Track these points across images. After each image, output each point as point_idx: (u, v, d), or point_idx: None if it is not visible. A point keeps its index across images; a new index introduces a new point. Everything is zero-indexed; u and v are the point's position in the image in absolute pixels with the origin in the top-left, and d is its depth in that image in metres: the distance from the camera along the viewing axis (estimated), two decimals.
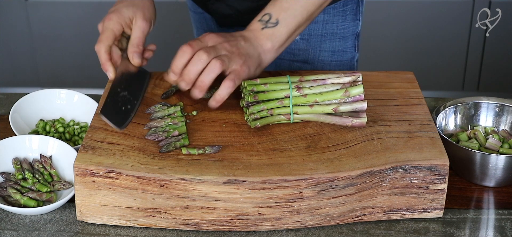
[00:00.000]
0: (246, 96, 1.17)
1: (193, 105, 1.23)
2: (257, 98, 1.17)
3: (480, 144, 1.24)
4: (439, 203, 1.12)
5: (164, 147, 1.11)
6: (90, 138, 1.14)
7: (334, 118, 1.17)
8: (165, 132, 1.14)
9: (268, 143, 1.14)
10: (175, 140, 1.13)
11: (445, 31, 2.89)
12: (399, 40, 2.92)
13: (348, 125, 1.16)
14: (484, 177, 1.20)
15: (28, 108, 1.34)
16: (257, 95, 1.17)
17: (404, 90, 1.27)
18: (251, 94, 1.17)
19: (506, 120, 1.29)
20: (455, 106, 1.30)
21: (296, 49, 1.49)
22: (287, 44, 1.26)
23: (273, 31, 1.23)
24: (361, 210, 1.11)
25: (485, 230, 1.13)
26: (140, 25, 1.27)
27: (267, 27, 1.23)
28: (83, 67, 3.01)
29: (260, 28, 1.24)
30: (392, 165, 1.09)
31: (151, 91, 1.28)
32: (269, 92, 1.17)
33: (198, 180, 1.06)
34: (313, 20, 1.31)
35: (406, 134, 1.15)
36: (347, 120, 1.16)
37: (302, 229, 1.11)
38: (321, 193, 1.08)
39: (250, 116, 1.16)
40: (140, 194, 1.08)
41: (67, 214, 1.15)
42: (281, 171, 1.07)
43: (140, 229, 1.12)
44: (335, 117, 1.17)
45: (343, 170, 1.08)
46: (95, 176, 1.08)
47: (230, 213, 1.08)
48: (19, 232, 1.11)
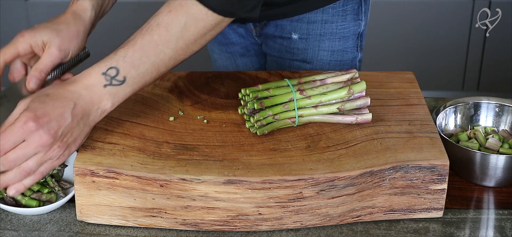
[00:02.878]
0: (250, 104, 1.16)
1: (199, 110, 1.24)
2: (262, 105, 1.16)
3: (480, 144, 1.24)
4: (439, 203, 1.12)
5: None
6: (90, 138, 1.14)
7: (338, 117, 1.17)
8: None
9: (268, 143, 1.14)
10: None
11: (445, 31, 2.89)
12: (399, 40, 2.92)
13: (353, 123, 1.16)
14: (484, 177, 1.20)
15: None
16: (263, 102, 1.16)
17: (404, 90, 1.27)
18: (255, 101, 1.16)
19: (506, 120, 1.29)
20: (455, 106, 1.30)
21: (295, 48, 1.49)
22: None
23: (117, 89, 1.07)
24: (361, 210, 1.11)
25: (485, 230, 1.13)
26: (52, 53, 1.15)
27: (111, 84, 1.06)
28: (83, 67, 3.00)
29: (102, 85, 1.06)
30: (392, 165, 1.09)
31: (151, 91, 1.28)
32: (273, 98, 1.17)
33: (198, 180, 1.06)
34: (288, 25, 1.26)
35: (406, 134, 1.15)
36: (351, 118, 1.16)
37: (302, 229, 1.11)
38: (321, 193, 1.08)
39: (256, 123, 1.15)
40: (140, 194, 1.08)
41: (67, 214, 1.15)
42: (281, 171, 1.07)
43: (140, 229, 1.12)
44: (339, 116, 1.17)
45: (343, 170, 1.08)
46: (95, 176, 1.08)
47: (230, 213, 1.08)
48: (19, 232, 1.11)
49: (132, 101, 1.24)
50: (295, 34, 1.48)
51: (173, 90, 1.28)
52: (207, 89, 1.29)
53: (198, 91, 1.28)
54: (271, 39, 1.52)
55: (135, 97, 1.25)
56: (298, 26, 1.47)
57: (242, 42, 1.59)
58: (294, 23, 1.47)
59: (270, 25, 1.50)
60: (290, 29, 1.48)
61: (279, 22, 1.48)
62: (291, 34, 1.48)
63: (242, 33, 1.57)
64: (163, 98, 1.26)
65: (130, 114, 1.20)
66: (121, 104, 1.12)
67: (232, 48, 1.60)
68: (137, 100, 1.25)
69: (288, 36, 1.49)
